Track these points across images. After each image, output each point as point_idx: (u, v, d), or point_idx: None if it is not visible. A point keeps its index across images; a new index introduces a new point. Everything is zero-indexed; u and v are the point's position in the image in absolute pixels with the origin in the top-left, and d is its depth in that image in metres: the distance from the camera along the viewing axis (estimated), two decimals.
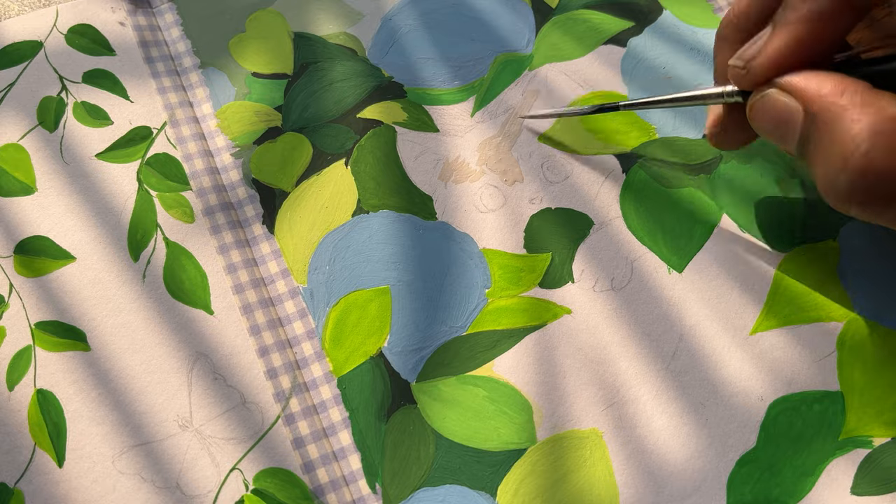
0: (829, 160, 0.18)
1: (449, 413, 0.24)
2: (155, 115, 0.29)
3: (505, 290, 0.26)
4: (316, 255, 0.26)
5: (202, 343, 0.25)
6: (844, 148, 0.18)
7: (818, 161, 0.19)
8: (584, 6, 0.31)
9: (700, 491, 0.23)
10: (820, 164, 0.19)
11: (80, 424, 0.23)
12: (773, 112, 0.20)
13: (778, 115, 0.20)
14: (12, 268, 0.26)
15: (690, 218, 0.27)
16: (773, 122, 0.20)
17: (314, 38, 0.31)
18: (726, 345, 0.25)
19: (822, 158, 0.18)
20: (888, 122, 0.17)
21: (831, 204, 0.19)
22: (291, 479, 0.23)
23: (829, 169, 0.18)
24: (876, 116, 0.17)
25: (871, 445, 0.23)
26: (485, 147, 0.29)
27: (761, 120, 0.21)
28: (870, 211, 0.18)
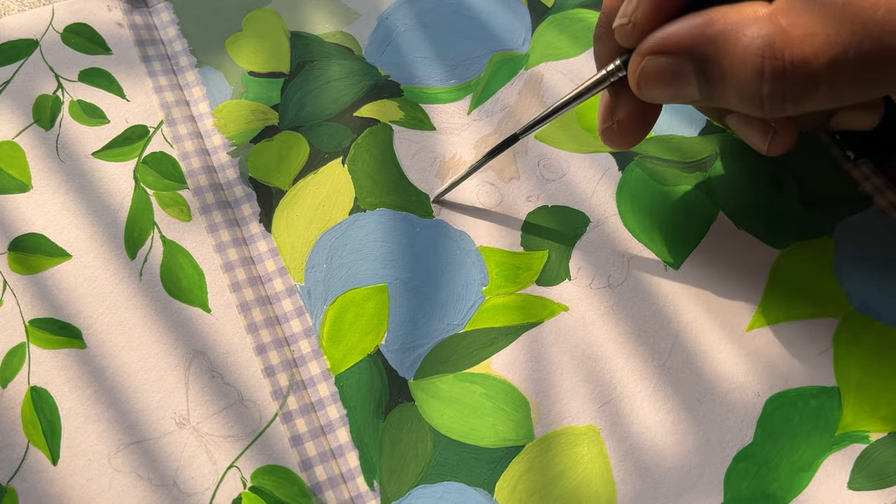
0: (742, 83, 0.18)
1: (446, 410, 0.24)
2: (151, 114, 0.29)
3: (502, 287, 0.26)
4: (313, 254, 0.26)
5: (199, 341, 0.25)
6: (752, 62, 0.18)
7: (732, 90, 0.19)
8: (580, 5, 0.32)
9: (697, 487, 0.23)
10: (735, 92, 0.19)
11: (75, 422, 0.23)
12: (661, 74, 0.20)
13: (666, 74, 0.20)
14: (6, 265, 0.26)
15: (686, 215, 0.27)
16: (666, 82, 0.20)
17: (311, 37, 0.31)
18: (723, 341, 0.25)
19: (734, 86, 0.18)
20: (770, 20, 0.17)
21: (767, 115, 0.19)
22: (289, 477, 0.23)
23: (748, 90, 0.18)
24: (759, 22, 0.18)
25: (867, 441, 0.23)
26: (481, 145, 0.29)
27: (654, 87, 0.20)
28: (805, 101, 0.18)
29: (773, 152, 0.23)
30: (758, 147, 0.23)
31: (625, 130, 0.23)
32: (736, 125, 0.24)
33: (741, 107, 0.19)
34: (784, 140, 0.22)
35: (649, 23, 0.20)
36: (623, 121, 0.23)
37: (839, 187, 0.27)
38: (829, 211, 0.27)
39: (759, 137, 0.22)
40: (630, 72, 0.21)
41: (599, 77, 0.22)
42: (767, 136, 0.22)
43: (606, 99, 0.23)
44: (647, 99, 0.21)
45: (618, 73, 0.22)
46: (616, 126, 0.23)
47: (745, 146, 0.28)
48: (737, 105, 0.19)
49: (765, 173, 0.28)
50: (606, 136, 0.24)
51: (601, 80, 0.22)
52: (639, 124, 0.23)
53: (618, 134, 0.23)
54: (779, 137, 0.22)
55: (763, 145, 0.22)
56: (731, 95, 0.19)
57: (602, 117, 0.24)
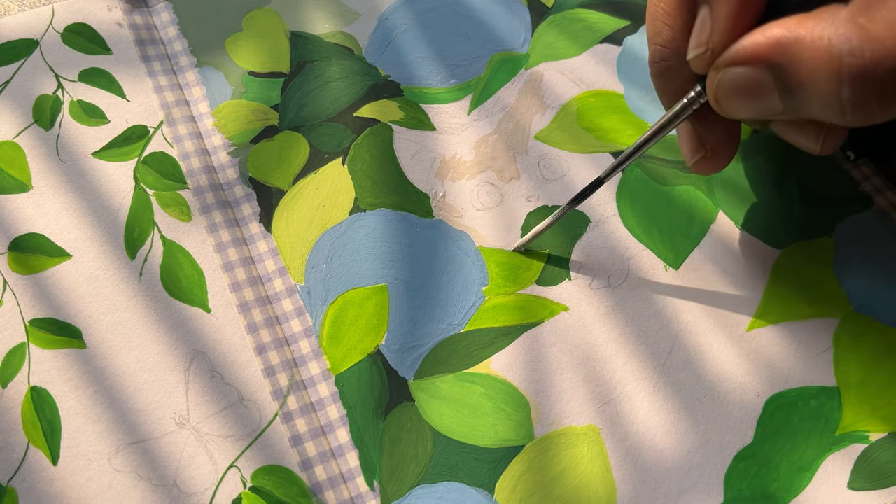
0: (822, 90, 0.17)
1: (446, 410, 0.24)
2: (151, 114, 0.29)
3: (502, 287, 0.26)
4: (313, 254, 0.26)
5: (199, 341, 0.25)
6: (829, 65, 0.17)
7: (812, 98, 0.18)
8: (580, 5, 0.32)
9: (697, 487, 0.23)
10: (817, 100, 0.18)
11: (75, 422, 0.23)
12: (739, 85, 0.19)
13: (745, 86, 0.19)
14: (6, 265, 0.26)
15: (687, 215, 0.27)
16: (745, 95, 0.19)
17: (311, 37, 0.31)
18: (723, 341, 0.25)
19: (814, 94, 0.18)
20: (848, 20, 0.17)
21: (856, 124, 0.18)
22: (289, 477, 0.23)
23: (829, 96, 0.17)
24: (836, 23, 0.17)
25: (867, 441, 0.23)
26: (481, 145, 0.29)
27: (734, 100, 0.20)
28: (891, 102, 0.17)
29: (826, 151, 0.21)
30: (811, 149, 0.22)
31: (717, 154, 0.23)
32: (785, 130, 0.22)
33: (826, 116, 0.18)
34: (837, 137, 0.21)
35: (727, 46, 0.19)
36: (715, 146, 0.23)
37: (839, 187, 0.27)
38: (829, 211, 0.27)
39: (811, 139, 0.21)
40: (708, 87, 0.20)
41: (681, 106, 0.21)
42: (820, 137, 0.21)
43: (690, 131, 0.23)
44: (728, 114, 0.20)
45: (699, 100, 0.21)
46: (709, 153, 0.23)
47: (745, 146, 0.28)
48: (821, 115, 0.18)
49: (765, 173, 0.28)
50: (699, 166, 0.23)
51: (683, 110, 0.22)
52: (728, 145, 0.23)
53: (711, 160, 0.23)
54: (831, 137, 0.21)
55: (816, 145, 0.21)
56: (813, 104, 0.18)
57: (692, 150, 0.23)
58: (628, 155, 0.23)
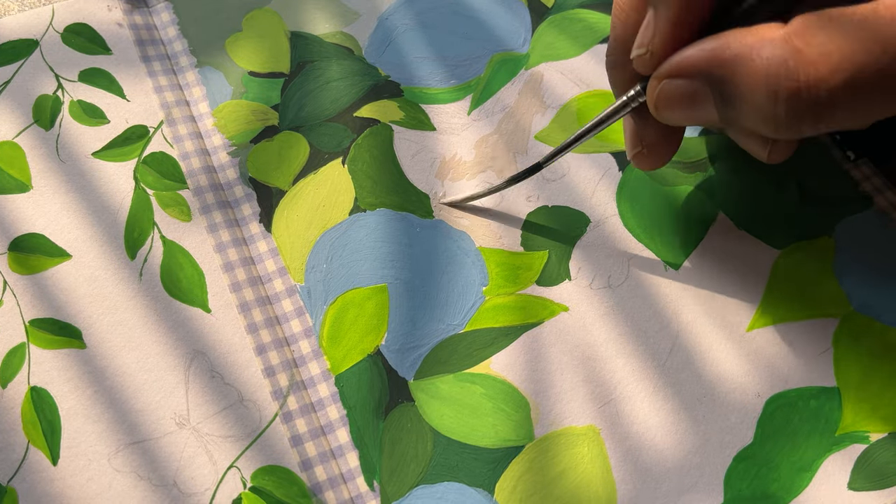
0: (758, 104, 0.18)
1: (446, 410, 0.24)
2: (151, 114, 0.29)
3: (502, 287, 0.26)
4: (313, 254, 0.26)
5: (199, 341, 0.25)
6: (767, 84, 0.18)
7: (749, 112, 0.18)
8: (580, 5, 0.32)
9: (697, 487, 0.23)
10: (752, 113, 0.18)
11: (75, 422, 0.23)
12: (678, 97, 0.20)
13: (683, 97, 0.20)
14: (6, 265, 0.26)
15: (687, 215, 0.27)
16: (683, 105, 0.20)
17: (311, 38, 0.31)
18: (723, 341, 0.25)
19: (750, 107, 0.18)
20: (785, 42, 0.17)
21: (785, 137, 0.19)
22: (289, 477, 0.23)
23: (764, 111, 0.18)
24: (774, 43, 0.17)
25: (867, 441, 0.23)
26: (481, 145, 0.29)
27: (672, 109, 0.20)
28: (822, 122, 0.18)
29: (774, 160, 0.22)
30: (758, 155, 0.23)
31: (654, 152, 0.24)
32: (735, 135, 0.24)
33: (758, 128, 0.19)
34: (784, 148, 0.22)
35: (666, 51, 0.20)
36: (651, 144, 0.23)
37: (839, 187, 0.27)
38: (829, 211, 0.27)
39: (758, 146, 0.22)
40: (648, 96, 0.21)
41: (620, 104, 0.22)
42: (767, 145, 0.22)
43: (632, 125, 0.24)
44: (666, 121, 0.21)
45: (638, 99, 0.22)
46: (645, 150, 0.24)
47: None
48: (754, 126, 0.19)
49: (765, 173, 0.28)
50: (637, 161, 0.24)
51: (622, 107, 0.22)
52: (666, 145, 0.24)
53: (648, 157, 0.24)
54: (779, 145, 0.22)
55: (763, 153, 0.22)
56: (748, 117, 0.19)
57: (631, 143, 0.24)
58: (567, 144, 0.24)
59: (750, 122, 0.19)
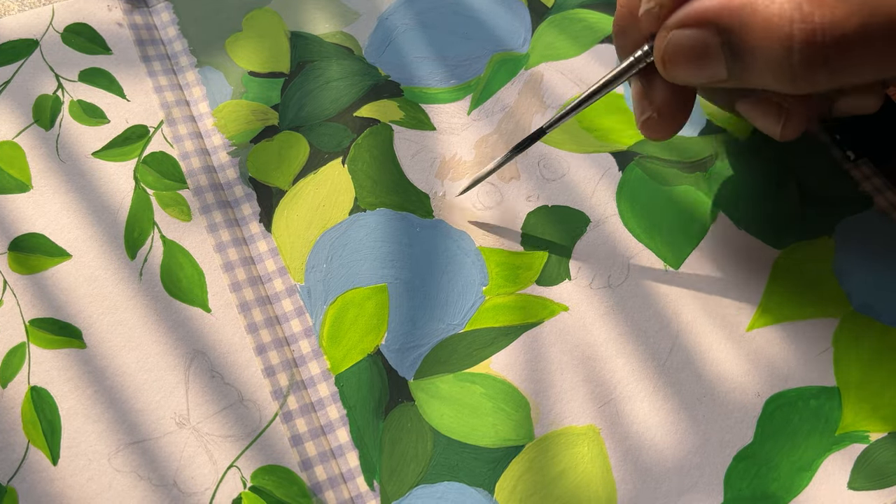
0: (771, 54, 0.17)
1: (446, 410, 0.24)
2: (151, 114, 0.29)
3: (502, 287, 0.26)
4: (313, 253, 0.26)
5: (199, 341, 0.25)
6: (779, 31, 0.17)
7: (760, 64, 0.18)
8: (580, 5, 0.32)
9: (697, 486, 0.23)
10: (764, 65, 0.18)
11: (75, 422, 0.23)
12: (686, 49, 0.19)
13: (692, 49, 0.19)
14: (6, 265, 0.26)
15: (687, 215, 0.27)
16: (691, 59, 0.19)
17: (311, 38, 0.31)
18: (722, 341, 0.25)
19: (762, 58, 0.18)
20: None
21: (802, 90, 0.18)
22: (289, 477, 0.23)
23: (778, 61, 0.17)
24: None
25: (867, 440, 0.23)
26: (481, 145, 0.29)
27: (679, 64, 0.20)
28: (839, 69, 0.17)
29: (787, 136, 0.22)
30: (771, 132, 0.22)
31: (665, 118, 0.23)
32: (748, 110, 0.23)
33: (772, 82, 0.18)
34: (797, 123, 0.21)
35: (676, 4, 0.19)
36: (661, 108, 0.22)
37: (839, 187, 0.27)
38: (829, 211, 0.27)
39: (771, 121, 0.22)
40: (656, 49, 0.20)
41: (628, 63, 0.22)
42: (780, 120, 0.21)
43: (640, 90, 0.23)
44: (674, 79, 0.20)
45: (646, 59, 0.21)
46: (656, 115, 0.22)
47: (745, 146, 0.28)
48: (767, 81, 0.18)
49: (765, 173, 0.28)
50: (647, 127, 0.23)
51: (630, 66, 0.22)
52: (677, 110, 0.22)
53: (658, 123, 0.23)
54: (792, 120, 0.21)
55: (776, 129, 0.22)
56: (761, 69, 0.18)
57: (640, 109, 0.23)
58: (574, 107, 0.23)
59: (763, 76, 0.18)
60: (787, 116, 0.21)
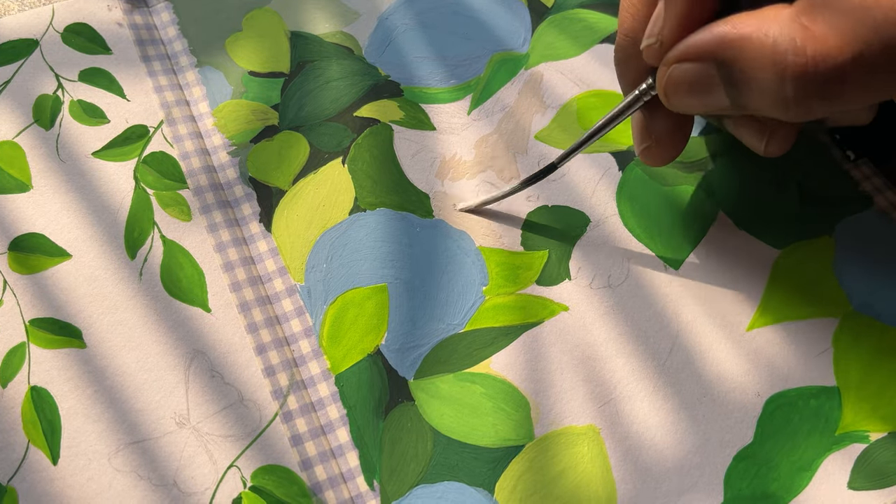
0: (766, 84, 0.18)
1: (446, 410, 0.24)
2: (151, 114, 0.29)
3: (502, 287, 0.26)
4: (313, 253, 0.26)
5: (199, 340, 0.25)
6: (774, 62, 0.17)
7: (756, 94, 0.18)
8: (580, 5, 0.32)
9: (697, 486, 0.23)
10: (761, 95, 0.18)
11: (75, 422, 0.23)
12: (687, 81, 0.20)
13: (692, 81, 0.20)
14: (6, 265, 0.26)
15: (687, 215, 0.27)
16: (692, 90, 0.20)
17: (311, 37, 0.31)
18: (722, 341, 0.25)
19: (758, 89, 0.18)
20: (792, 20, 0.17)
21: (798, 118, 0.19)
22: (289, 477, 0.23)
23: (773, 91, 0.18)
24: (780, 22, 0.17)
25: (867, 440, 0.23)
26: (481, 145, 0.29)
27: (681, 95, 0.20)
28: (832, 99, 0.18)
29: (771, 153, 0.22)
30: (755, 148, 0.23)
31: (663, 147, 0.23)
32: (733, 127, 0.24)
33: (769, 111, 0.19)
34: (781, 141, 0.22)
35: (676, 40, 0.20)
36: (661, 138, 0.23)
37: (839, 187, 0.27)
38: (829, 211, 0.27)
39: (755, 138, 0.22)
40: (658, 83, 0.21)
41: (632, 98, 0.22)
42: (764, 137, 0.22)
43: (640, 120, 0.24)
44: (676, 109, 0.21)
45: (650, 92, 0.22)
46: (654, 144, 0.23)
47: (745, 146, 0.28)
48: (765, 109, 0.19)
49: (765, 173, 0.28)
50: (646, 155, 0.24)
51: (634, 101, 0.22)
52: (675, 139, 0.23)
53: (657, 151, 0.24)
54: (776, 138, 0.22)
55: (760, 146, 0.22)
56: (758, 99, 0.19)
57: (640, 138, 0.24)
58: (581, 142, 0.24)
59: (759, 105, 0.19)
60: (770, 135, 0.22)
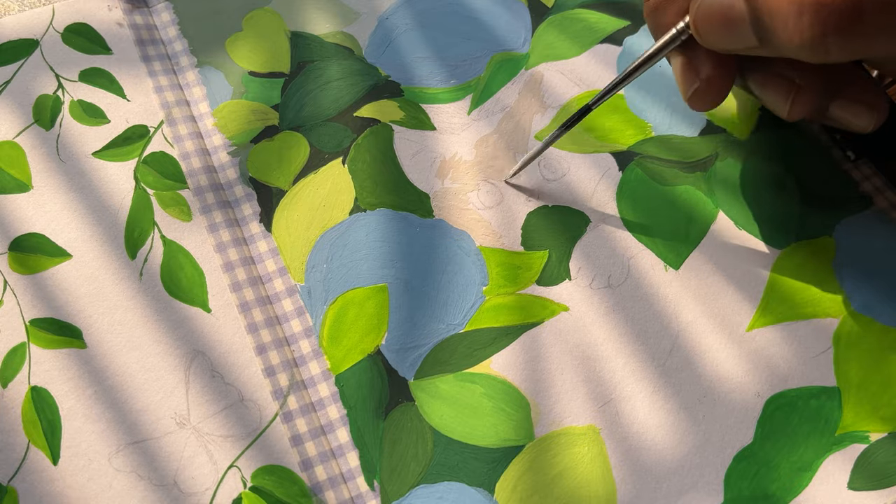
0: (785, 18, 0.18)
1: (447, 410, 0.24)
2: (152, 114, 0.29)
3: (502, 287, 0.26)
4: (313, 254, 0.26)
5: (199, 341, 0.25)
6: None
7: (778, 28, 0.19)
8: (580, 5, 0.32)
9: (697, 487, 0.23)
10: (781, 29, 0.19)
11: (75, 422, 0.23)
12: (717, 14, 0.20)
13: (721, 13, 0.20)
14: (6, 265, 0.26)
15: (687, 215, 0.27)
16: (721, 24, 0.20)
17: (311, 38, 0.31)
18: (723, 341, 0.25)
19: (780, 21, 0.18)
20: None
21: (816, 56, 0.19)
22: (289, 477, 0.23)
23: (792, 25, 0.18)
24: None
25: (867, 441, 0.23)
26: (481, 145, 0.29)
27: (712, 30, 0.21)
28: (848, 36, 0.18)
29: (794, 114, 0.22)
30: (780, 108, 0.22)
31: (711, 86, 0.23)
32: (759, 85, 0.23)
33: (789, 48, 0.19)
34: (806, 101, 0.22)
35: None
36: (708, 76, 0.23)
37: (839, 187, 0.27)
38: (829, 211, 0.27)
39: (781, 97, 0.22)
40: (690, 15, 0.21)
41: (669, 37, 0.22)
42: (790, 96, 0.22)
43: (683, 63, 0.23)
44: (708, 44, 0.21)
45: (688, 31, 0.22)
46: (703, 84, 0.23)
47: (745, 146, 0.28)
48: (785, 46, 0.19)
49: (765, 173, 0.28)
50: (696, 98, 0.23)
51: (671, 41, 0.22)
52: (722, 78, 0.23)
53: (706, 91, 0.23)
54: (801, 97, 0.22)
55: (785, 105, 0.22)
56: (779, 33, 0.19)
57: (687, 81, 0.23)
58: (620, 80, 0.24)
59: (780, 41, 0.19)
60: (796, 93, 0.22)
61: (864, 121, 0.23)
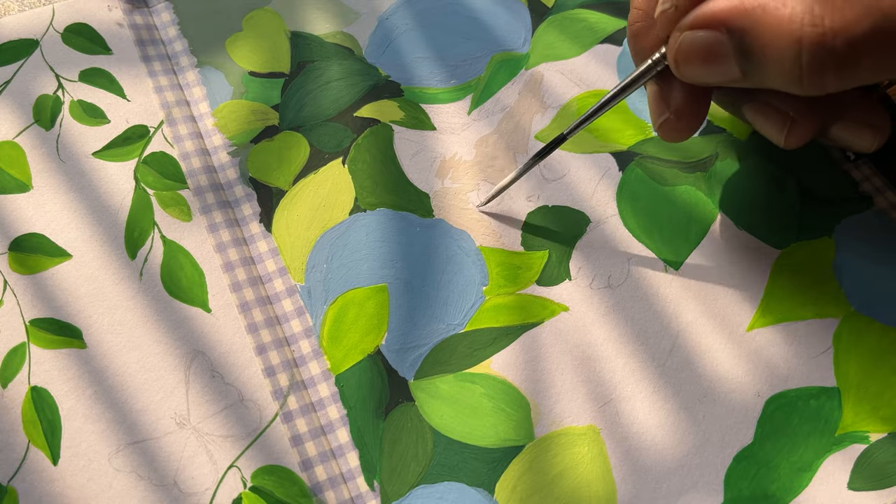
0: (781, 54, 0.18)
1: (447, 410, 0.24)
2: (152, 114, 0.29)
3: (502, 287, 0.26)
4: (313, 254, 0.26)
5: (199, 341, 0.25)
6: (790, 33, 0.17)
7: (771, 63, 0.18)
8: (580, 6, 0.32)
9: (697, 487, 0.23)
10: (775, 66, 0.18)
11: (75, 422, 0.23)
12: (698, 50, 0.20)
13: (704, 50, 0.19)
14: (6, 265, 0.26)
15: (687, 216, 0.27)
16: (704, 59, 0.20)
17: (311, 38, 0.31)
18: (723, 342, 0.25)
19: (773, 58, 0.18)
20: None
21: (811, 92, 0.18)
22: (289, 477, 0.23)
23: (787, 61, 0.18)
24: None
25: (867, 441, 0.23)
26: (481, 145, 0.29)
27: (692, 64, 0.20)
28: (847, 73, 0.17)
29: (791, 144, 0.22)
30: (775, 139, 0.22)
31: (681, 119, 0.23)
32: (753, 115, 0.23)
33: (782, 83, 0.18)
34: (802, 131, 0.22)
35: (691, 6, 0.20)
36: (678, 109, 0.22)
37: (839, 187, 0.27)
38: (829, 211, 0.27)
39: (776, 128, 0.22)
40: (669, 50, 0.21)
41: (645, 67, 0.22)
42: (785, 127, 0.22)
43: (656, 92, 0.23)
44: (686, 78, 0.21)
45: (663, 62, 0.22)
46: (673, 116, 0.23)
47: (745, 146, 0.28)
48: (778, 82, 0.19)
49: (765, 173, 0.28)
50: (664, 129, 0.23)
51: (647, 70, 0.22)
52: (693, 111, 0.23)
53: (675, 124, 0.23)
54: (796, 128, 0.21)
55: (780, 136, 0.22)
56: (772, 70, 0.18)
57: (657, 112, 0.23)
58: (593, 112, 0.24)
59: (772, 77, 0.19)
60: (791, 125, 0.22)
61: (868, 142, 0.22)
